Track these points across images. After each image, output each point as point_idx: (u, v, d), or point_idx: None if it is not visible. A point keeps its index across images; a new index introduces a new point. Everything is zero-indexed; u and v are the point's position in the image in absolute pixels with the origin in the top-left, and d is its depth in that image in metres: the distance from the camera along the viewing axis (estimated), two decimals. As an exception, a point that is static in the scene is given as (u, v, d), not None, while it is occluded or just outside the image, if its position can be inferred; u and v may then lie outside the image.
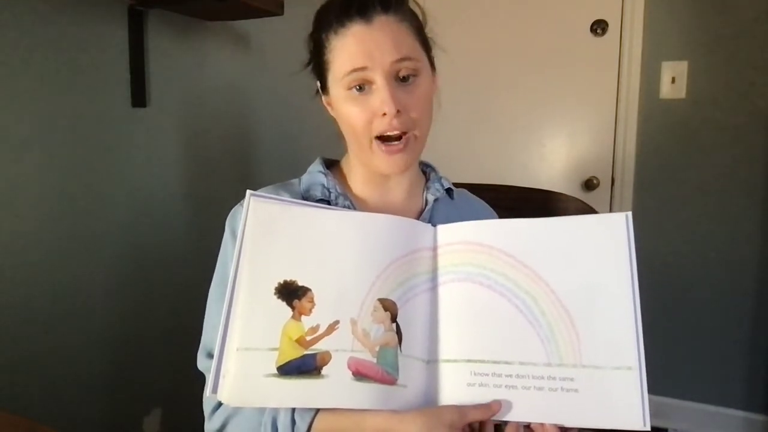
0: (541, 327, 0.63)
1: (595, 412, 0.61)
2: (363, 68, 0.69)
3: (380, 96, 0.69)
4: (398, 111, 0.69)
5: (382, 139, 0.72)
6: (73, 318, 1.25)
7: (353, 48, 0.69)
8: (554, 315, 0.64)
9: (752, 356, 1.95)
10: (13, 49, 1.10)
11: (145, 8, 1.34)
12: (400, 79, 0.71)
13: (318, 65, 0.76)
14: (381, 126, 0.71)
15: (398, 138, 0.71)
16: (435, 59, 0.78)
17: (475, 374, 0.64)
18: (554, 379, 0.62)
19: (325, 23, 0.72)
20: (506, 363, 0.63)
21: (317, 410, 0.64)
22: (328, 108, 0.79)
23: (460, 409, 0.62)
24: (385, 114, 0.69)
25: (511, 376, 0.63)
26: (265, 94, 1.80)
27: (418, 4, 0.77)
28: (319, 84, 0.79)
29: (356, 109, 0.71)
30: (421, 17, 0.76)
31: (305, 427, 0.63)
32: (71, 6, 1.20)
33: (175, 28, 1.45)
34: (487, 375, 0.63)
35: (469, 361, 0.64)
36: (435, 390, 0.66)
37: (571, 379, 0.61)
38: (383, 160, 0.73)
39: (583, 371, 0.62)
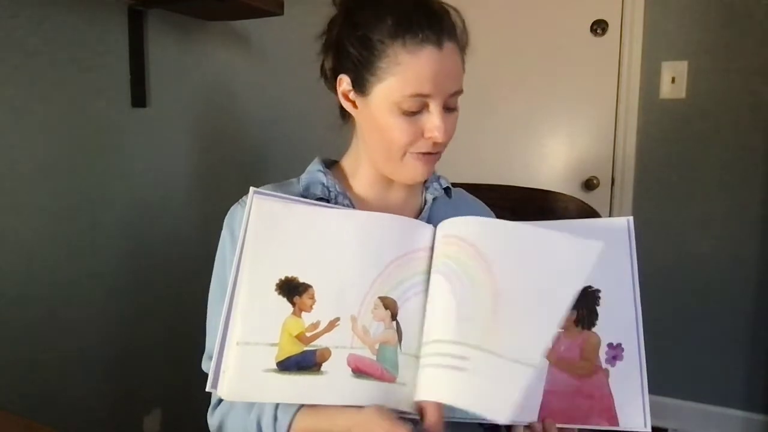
0: (465, 307, 0.62)
1: (478, 396, 0.58)
2: (428, 95, 0.69)
3: (434, 122, 0.70)
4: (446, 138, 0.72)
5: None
6: (73, 318, 1.25)
7: (425, 73, 0.67)
8: (487, 303, 0.62)
9: (752, 356, 1.95)
10: (13, 49, 1.10)
11: (145, 8, 1.33)
12: (449, 106, 0.72)
13: (362, 65, 0.71)
14: (423, 146, 0.72)
15: None
16: None
17: (426, 356, 0.63)
18: (452, 356, 0.60)
19: (389, 29, 0.68)
20: (435, 342, 0.63)
21: (300, 406, 0.64)
22: (346, 103, 0.76)
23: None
24: (432, 138, 0.71)
25: (433, 355, 0.62)
26: (266, 94, 1.80)
27: (466, 31, 0.75)
28: (351, 78, 0.73)
29: (405, 127, 0.70)
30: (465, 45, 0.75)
31: (287, 421, 0.64)
32: (71, 6, 1.19)
33: (175, 28, 1.45)
34: (430, 356, 0.63)
35: (425, 344, 0.64)
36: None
37: (466, 359, 0.59)
38: (413, 169, 0.74)
39: (480, 354, 0.59)
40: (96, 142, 1.28)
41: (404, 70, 0.68)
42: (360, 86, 0.72)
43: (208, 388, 0.63)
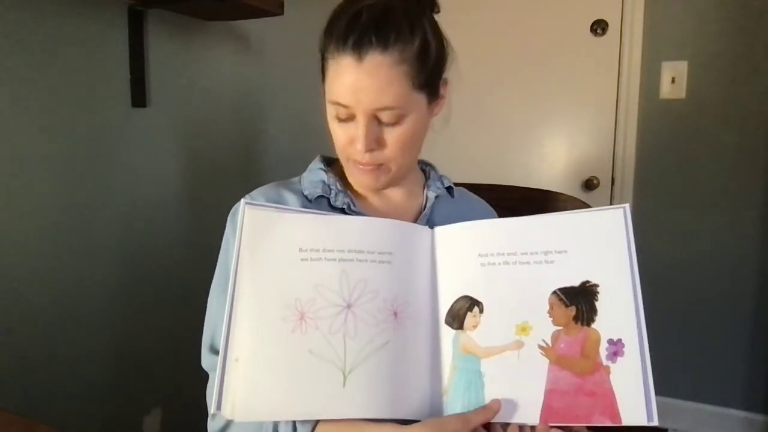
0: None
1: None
2: (346, 106, 0.68)
3: (357, 131, 0.69)
4: (370, 149, 0.70)
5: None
6: (73, 318, 1.25)
7: (341, 84, 0.68)
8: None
9: (752, 356, 1.95)
10: (13, 49, 1.10)
11: (145, 8, 1.34)
12: (382, 120, 0.70)
13: (321, 66, 0.74)
14: (356, 155, 0.72)
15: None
16: (442, 84, 0.77)
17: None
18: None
19: (328, 37, 0.70)
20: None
21: (318, 420, 0.63)
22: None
23: (462, 416, 0.62)
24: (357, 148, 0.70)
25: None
26: (265, 94, 1.80)
27: (436, 36, 0.72)
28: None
29: (339, 132, 0.72)
30: (434, 50, 0.71)
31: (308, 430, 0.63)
32: (71, 6, 1.19)
33: (175, 28, 1.45)
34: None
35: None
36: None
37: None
38: (354, 177, 0.76)
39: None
40: (96, 142, 1.28)
41: (328, 77, 0.70)
42: (323, 92, 0.75)
43: (212, 411, 0.61)
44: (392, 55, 0.66)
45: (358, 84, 0.66)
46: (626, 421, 0.60)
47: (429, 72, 0.70)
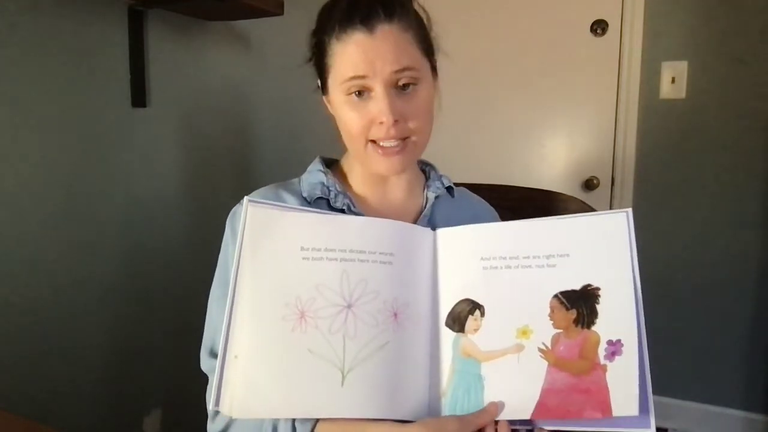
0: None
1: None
2: (363, 76, 0.69)
3: (378, 105, 0.69)
4: (396, 120, 0.70)
5: (378, 142, 0.73)
6: (73, 318, 1.25)
7: (354, 56, 0.69)
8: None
9: (752, 356, 1.95)
10: (13, 49, 1.10)
11: (145, 8, 1.33)
12: (400, 88, 0.71)
13: (319, 65, 0.76)
14: (378, 133, 0.71)
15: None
16: (436, 61, 0.78)
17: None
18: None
19: (328, 26, 0.72)
20: None
21: (317, 419, 0.63)
22: (328, 106, 0.79)
23: (461, 418, 0.62)
24: (382, 122, 0.70)
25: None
26: (265, 94, 1.80)
27: (423, 9, 0.77)
28: (319, 82, 0.79)
29: (354, 115, 0.72)
30: (426, 22, 0.76)
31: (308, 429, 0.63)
32: (71, 6, 1.19)
33: (175, 28, 1.45)
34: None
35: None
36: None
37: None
38: (379, 162, 0.74)
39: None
40: (96, 142, 1.28)
41: (339, 59, 0.71)
42: (324, 88, 0.77)
43: (211, 407, 0.61)
44: (399, 24, 0.70)
45: (373, 52, 0.69)
46: (617, 413, 0.60)
47: (428, 42, 0.75)
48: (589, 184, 2.13)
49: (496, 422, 0.64)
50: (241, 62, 1.69)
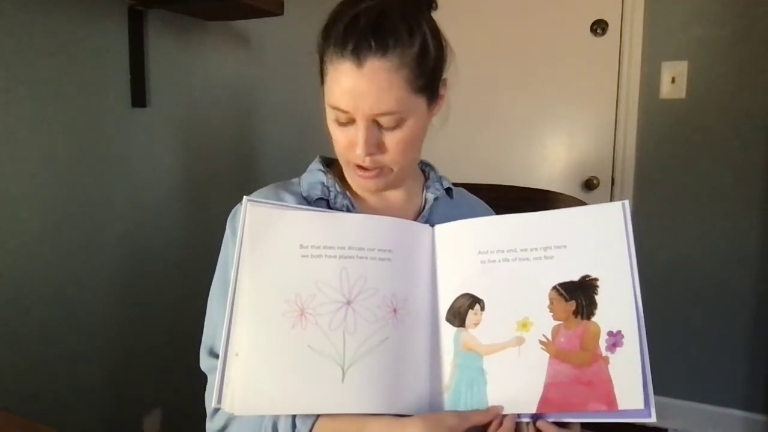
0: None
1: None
2: (346, 111, 0.68)
3: (357, 135, 0.69)
4: (371, 153, 0.70)
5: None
6: (73, 318, 1.25)
7: (340, 89, 0.67)
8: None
9: (752, 356, 1.95)
10: (13, 49, 1.10)
11: (145, 8, 1.34)
12: (382, 125, 0.70)
13: (320, 72, 0.74)
14: (356, 159, 0.71)
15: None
16: (439, 89, 0.76)
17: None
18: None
19: (327, 42, 0.70)
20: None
21: (318, 414, 0.64)
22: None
23: (460, 414, 0.62)
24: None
25: None
26: (265, 94, 1.80)
27: (435, 38, 0.71)
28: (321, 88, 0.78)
29: (339, 135, 0.72)
30: (433, 51, 0.70)
31: (306, 431, 0.63)
32: (71, 6, 1.20)
33: (175, 28, 1.45)
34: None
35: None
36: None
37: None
38: (355, 180, 0.76)
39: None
40: (96, 142, 1.28)
41: (330, 83, 0.69)
42: (322, 94, 0.75)
43: (213, 405, 0.61)
44: (391, 61, 0.65)
45: (357, 89, 0.66)
46: (623, 406, 0.60)
47: (428, 74, 0.70)
48: (589, 184, 2.13)
49: (503, 416, 0.64)
50: (241, 62, 1.69)
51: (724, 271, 1.95)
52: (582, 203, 1.18)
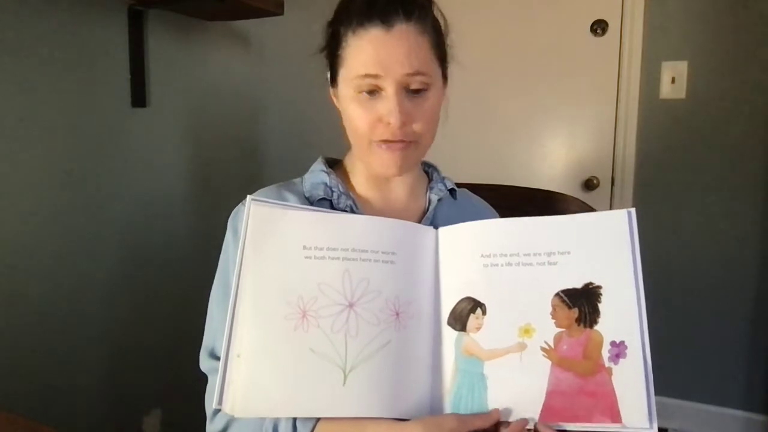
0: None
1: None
2: (375, 75, 0.68)
3: (388, 105, 0.69)
4: (403, 122, 0.70)
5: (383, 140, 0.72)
6: (73, 318, 1.25)
7: (369, 53, 0.68)
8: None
9: (752, 356, 1.95)
10: (13, 49, 1.10)
11: (145, 8, 1.33)
12: (411, 91, 0.70)
13: (332, 56, 0.75)
14: (384, 134, 0.71)
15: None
16: (447, 69, 0.78)
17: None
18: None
19: (345, 18, 0.71)
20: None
21: (319, 417, 0.63)
22: (334, 99, 0.79)
23: (460, 417, 0.62)
24: (389, 123, 0.70)
25: None
26: (265, 94, 1.80)
27: (443, 16, 0.76)
28: (329, 74, 0.78)
29: (362, 112, 0.71)
30: (443, 29, 0.75)
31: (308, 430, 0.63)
32: (71, 6, 1.19)
33: (175, 28, 1.45)
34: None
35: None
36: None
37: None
38: (379, 159, 0.74)
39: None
40: (96, 142, 1.28)
41: (353, 53, 0.70)
42: (333, 79, 0.76)
43: (214, 406, 0.61)
44: (416, 26, 0.69)
45: (387, 51, 0.68)
46: (627, 422, 0.60)
47: (442, 48, 0.74)
48: (589, 184, 2.13)
49: (508, 423, 0.63)
50: (241, 62, 1.69)
51: (724, 271, 1.95)
52: (582, 203, 1.18)
